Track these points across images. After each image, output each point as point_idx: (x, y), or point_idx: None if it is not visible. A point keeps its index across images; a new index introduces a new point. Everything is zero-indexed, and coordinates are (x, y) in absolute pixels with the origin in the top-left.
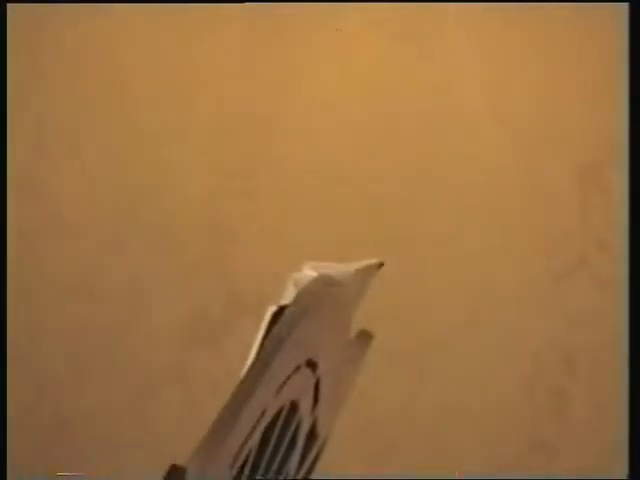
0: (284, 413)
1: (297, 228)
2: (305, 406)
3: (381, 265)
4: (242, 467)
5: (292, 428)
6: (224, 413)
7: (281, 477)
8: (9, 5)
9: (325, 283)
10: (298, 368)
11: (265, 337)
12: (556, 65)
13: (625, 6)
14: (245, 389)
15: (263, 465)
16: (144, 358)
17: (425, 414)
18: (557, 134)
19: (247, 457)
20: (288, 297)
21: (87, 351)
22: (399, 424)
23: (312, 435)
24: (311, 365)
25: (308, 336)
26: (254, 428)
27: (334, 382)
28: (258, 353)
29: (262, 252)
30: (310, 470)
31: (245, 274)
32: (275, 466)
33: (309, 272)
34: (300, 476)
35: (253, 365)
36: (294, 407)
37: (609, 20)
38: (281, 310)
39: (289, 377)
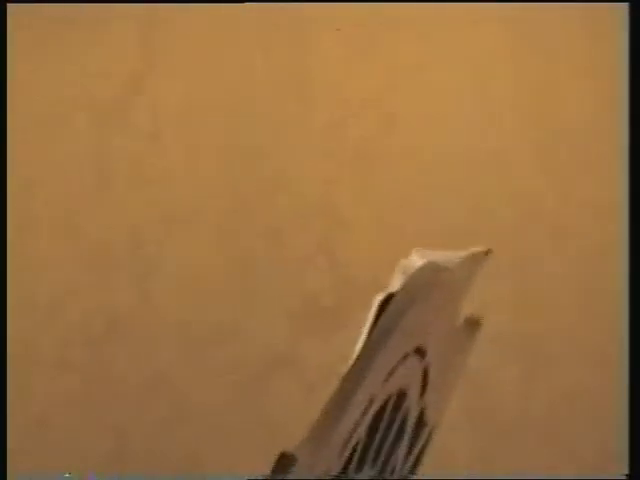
0: (392, 401)
1: (409, 216)
2: (413, 394)
3: (489, 252)
4: (351, 455)
5: (400, 416)
6: (333, 402)
7: (389, 466)
8: (9, 5)
9: (433, 270)
10: (406, 356)
11: (373, 325)
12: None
13: (625, 6)
14: (353, 378)
15: (371, 454)
16: (257, 346)
17: (538, 404)
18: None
19: (355, 445)
20: (396, 284)
21: (200, 340)
22: (511, 413)
23: (420, 423)
24: (419, 353)
25: (416, 324)
26: (362, 416)
27: (443, 369)
28: (366, 342)
29: (374, 240)
30: (419, 459)
31: (357, 261)
32: (383, 455)
33: (417, 259)
34: (408, 465)
35: (361, 354)
36: (402, 395)
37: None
38: (389, 298)
39: (397, 365)
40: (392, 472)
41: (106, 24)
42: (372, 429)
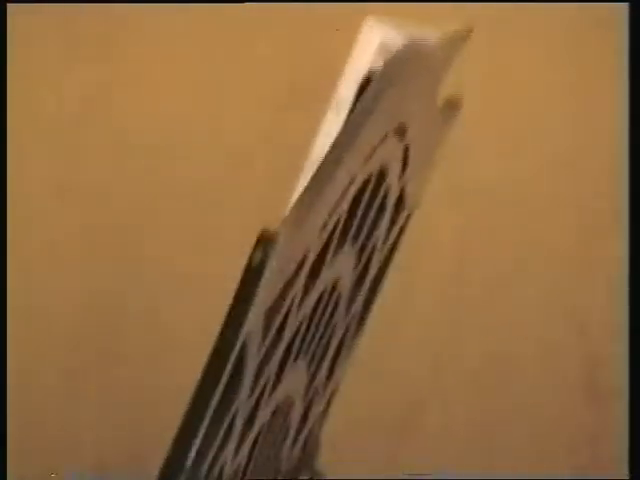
0: (372, 181)
1: None
2: (393, 174)
3: (470, 32)
4: (331, 235)
5: (380, 195)
6: (313, 181)
7: (369, 245)
8: (9, 5)
9: (415, 50)
10: (386, 136)
11: (353, 105)
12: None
13: (625, 6)
14: (333, 157)
15: (352, 232)
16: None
17: None
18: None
19: (336, 223)
20: (375, 63)
21: None
22: (492, 184)
23: (400, 202)
24: (399, 132)
25: (396, 103)
26: (342, 196)
27: (422, 149)
28: (346, 121)
29: None
30: (397, 239)
31: None
32: (364, 234)
33: (396, 37)
34: (388, 244)
35: (342, 132)
36: (382, 175)
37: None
38: (369, 78)
39: (377, 145)
40: (372, 251)
41: None
42: (352, 208)
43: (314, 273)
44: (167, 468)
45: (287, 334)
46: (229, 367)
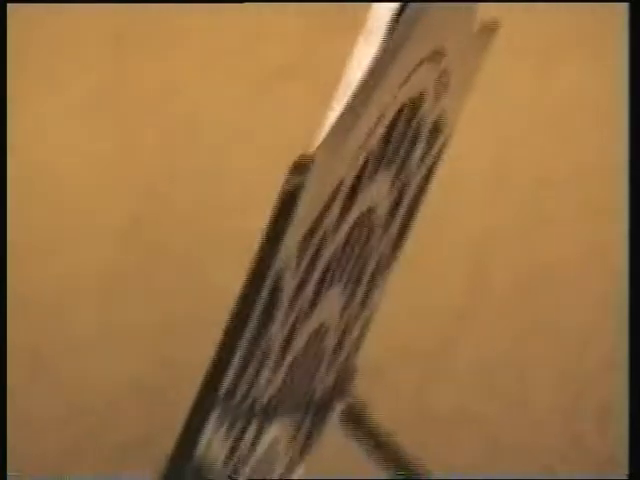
0: (408, 107)
1: None
2: (429, 100)
3: None
4: (365, 161)
5: (415, 122)
6: (349, 106)
7: (404, 172)
8: (9, 5)
9: None
10: (421, 63)
11: (388, 32)
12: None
13: (625, 6)
14: (369, 83)
15: (386, 159)
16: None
17: None
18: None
19: (372, 149)
20: None
21: None
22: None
23: (436, 128)
24: (435, 59)
25: (432, 29)
26: (378, 121)
27: (459, 75)
28: (381, 47)
29: None
30: (433, 165)
31: None
32: (398, 160)
33: None
34: (423, 171)
35: (377, 59)
36: (418, 101)
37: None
38: (402, 6)
39: (412, 71)
40: (407, 178)
41: None
42: (388, 135)
43: (349, 199)
44: (202, 395)
45: (322, 260)
46: (264, 294)
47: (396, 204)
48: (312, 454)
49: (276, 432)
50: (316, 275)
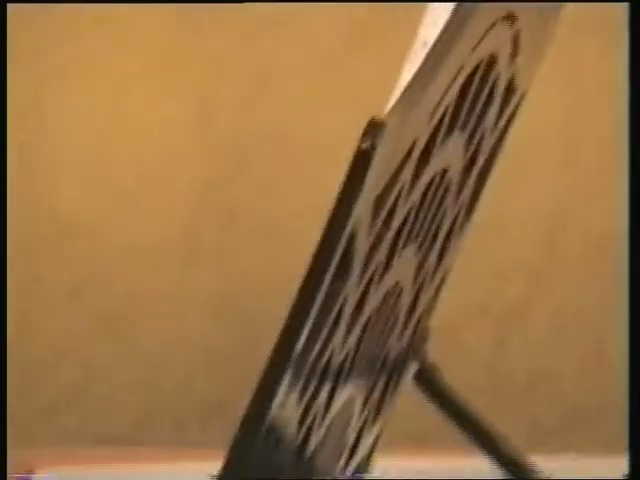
0: (482, 68)
1: None
2: (503, 60)
3: None
4: (440, 122)
5: (490, 82)
6: (423, 66)
7: (478, 132)
8: (9, 5)
9: None
10: (495, 24)
11: None
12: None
13: (625, 6)
14: (443, 43)
15: (460, 120)
16: None
17: None
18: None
19: (445, 110)
20: None
21: None
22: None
23: (510, 89)
24: (509, 19)
25: None
26: (452, 82)
27: (533, 36)
28: (455, 8)
29: None
30: (507, 125)
31: None
32: (472, 122)
33: None
34: (498, 130)
35: (451, 19)
36: (492, 61)
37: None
38: None
39: (486, 32)
40: (481, 138)
41: None
42: (461, 95)
43: (423, 160)
44: (276, 355)
45: (396, 220)
46: (338, 254)
47: (470, 165)
48: (386, 416)
49: (350, 393)
50: (390, 235)
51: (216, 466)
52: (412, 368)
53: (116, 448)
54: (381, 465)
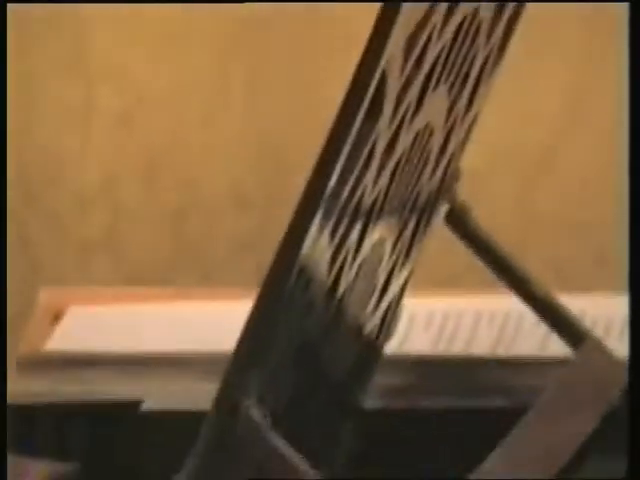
0: None
1: None
2: None
3: None
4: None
5: None
6: None
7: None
8: (9, 5)
9: None
10: None
11: None
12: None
13: (625, 6)
14: None
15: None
16: None
17: None
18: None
19: None
20: None
21: None
22: None
23: None
24: None
25: None
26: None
27: None
28: None
29: None
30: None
31: None
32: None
33: None
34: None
35: None
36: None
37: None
38: None
39: None
40: None
41: None
42: None
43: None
44: (308, 194)
45: (428, 61)
46: (369, 95)
47: (501, 7)
48: (416, 257)
49: (380, 234)
50: (421, 76)
51: (247, 305)
52: (442, 208)
53: (147, 288)
54: (410, 305)
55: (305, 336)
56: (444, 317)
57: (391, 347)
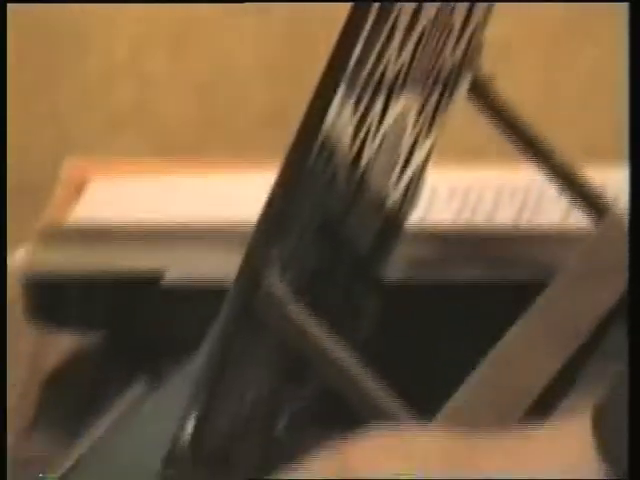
0: None
1: None
2: None
3: None
4: None
5: None
6: None
7: None
8: (9, 5)
9: None
10: None
11: None
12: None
13: (625, 6)
14: None
15: None
16: None
17: None
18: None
19: None
20: None
21: None
22: None
23: None
24: None
25: None
26: None
27: None
28: None
29: None
30: None
31: None
32: None
33: None
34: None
35: None
36: None
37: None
38: None
39: None
40: None
41: None
42: None
43: None
44: (333, 62)
45: None
46: None
47: None
48: (440, 128)
49: (404, 105)
50: None
51: (272, 176)
52: (466, 79)
53: (174, 159)
54: (434, 177)
55: (328, 209)
56: (466, 190)
57: (413, 219)
